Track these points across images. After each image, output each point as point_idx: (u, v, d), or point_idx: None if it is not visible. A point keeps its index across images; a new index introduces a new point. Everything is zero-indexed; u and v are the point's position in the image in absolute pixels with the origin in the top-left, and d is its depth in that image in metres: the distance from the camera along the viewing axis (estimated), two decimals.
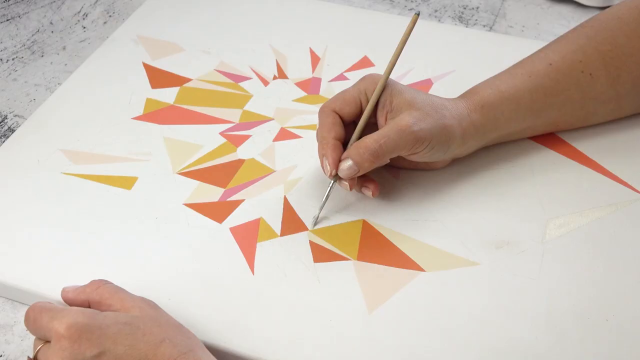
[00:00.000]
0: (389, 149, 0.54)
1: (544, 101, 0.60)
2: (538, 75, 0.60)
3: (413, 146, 0.55)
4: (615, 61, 0.60)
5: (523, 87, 0.59)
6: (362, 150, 0.54)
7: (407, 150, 0.55)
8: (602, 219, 0.58)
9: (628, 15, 0.61)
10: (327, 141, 0.55)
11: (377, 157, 0.54)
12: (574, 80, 0.60)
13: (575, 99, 0.61)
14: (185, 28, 0.80)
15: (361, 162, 0.54)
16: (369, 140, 0.54)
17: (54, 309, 0.46)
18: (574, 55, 0.60)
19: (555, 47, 0.62)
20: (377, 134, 0.55)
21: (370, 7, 0.86)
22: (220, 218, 0.59)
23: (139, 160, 0.64)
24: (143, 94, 0.71)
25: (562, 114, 0.62)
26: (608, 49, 0.60)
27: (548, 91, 0.60)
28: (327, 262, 0.56)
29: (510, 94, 0.59)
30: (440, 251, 0.56)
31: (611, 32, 0.61)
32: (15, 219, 0.60)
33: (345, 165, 0.55)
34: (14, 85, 0.76)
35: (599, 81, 0.60)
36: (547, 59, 0.60)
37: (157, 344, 0.44)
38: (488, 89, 0.59)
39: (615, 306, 0.52)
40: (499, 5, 0.86)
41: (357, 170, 0.55)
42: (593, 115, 0.64)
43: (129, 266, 0.56)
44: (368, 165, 0.55)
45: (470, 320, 0.52)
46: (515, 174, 0.62)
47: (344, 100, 0.56)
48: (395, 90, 0.56)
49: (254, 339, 0.51)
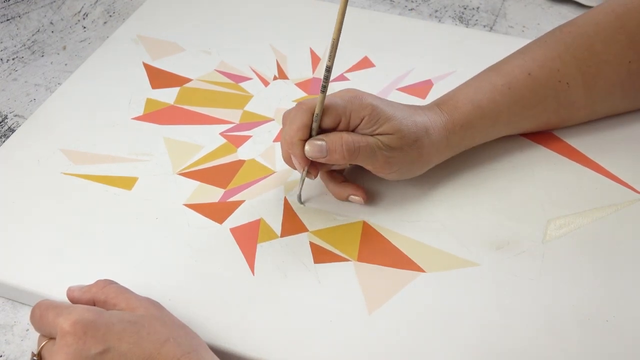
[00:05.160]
0: (362, 156, 0.54)
1: (521, 114, 0.61)
2: (517, 87, 0.60)
3: (382, 166, 0.56)
4: (592, 69, 0.61)
5: (502, 102, 0.60)
6: (341, 141, 0.54)
7: (375, 168, 0.56)
8: (603, 219, 0.58)
9: (605, 20, 0.61)
10: (294, 142, 0.54)
11: (350, 156, 0.54)
12: (551, 90, 0.61)
13: (550, 108, 0.62)
14: (185, 28, 0.80)
15: (333, 150, 0.54)
16: (350, 138, 0.54)
17: (60, 306, 0.46)
18: (552, 63, 0.60)
19: (534, 53, 0.62)
20: (360, 137, 0.54)
21: (370, 7, 0.86)
22: (221, 219, 0.59)
23: (139, 161, 0.64)
24: (143, 94, 0.71)
25: (537, 123, 0.63)
26: (585, 57, 0.60)
27: (526, 103, 0.60)
28: (328, 262, 0.56)
29: (490, 110, 0.59)
30: (440, 252, 0.56)
31: (588, 38, 0.61)
32: (15, 219, 0.60)
33: (316, 143, 0.54)
34: (14, 85, 0.76)
35: (575, 90, 0.61)
36: (527, 68, 0.60)
37: (162, 342, 0.44)
38: (468, 104, 0.59)
39: (615, 307, 0.52)
40: (499, 5, 0.86)
41: (324, 155, 0.54)
42: (567, 121, 0.64)
43: (129, 266, 0.56)
44: (337, 158, 0.54)
45: (471, 320, 0.52)
46: (516, 175, 0.62)
47: (327, 109, 0.54)
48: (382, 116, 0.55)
49: (254, 339, 0.51)
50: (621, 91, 0.63)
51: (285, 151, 0.57)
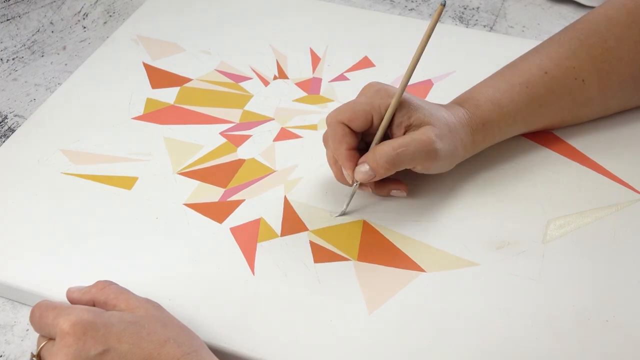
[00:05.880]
0: (406, 159, 0.55)
1: (539, 112, 0.62)
2: (535, 86, 0.60)
3: (427, 160, 0.56)
4: (606, 65, 0.61)
5: (521, 101, 0.60)
6: (378, 156, 0.54)
7: (422, 163, 0.56)
8: (603, 219, 0.58)
9: (617, 15, 0.62)
10: (341, 153, 0.55)
11: (393, 165, 0.55)
12: (567, 88, 0.61)
13: (566, 106, 0.62)
14: (185, 28, 0.80)
15: (377, 168, 0.55)
16: (387, 148, 0.54)
17: (59, 307, 0.46)
18: (567, 61, 0.61)
19: (549, 51, 0.62)
20: (395, 142, 0.55)
21: (370, 7, 0.86)
22: (221, 218, 0.59)
23: (139, 160, 0.64)
24: (143, 94, 0.71)
25: (552, 121, 0.63)
26: (599, 53, 0.61)
27: (543, 102, 0.61)
28: (328, 262, 0.56)
29: (509, 109, 0.60)
30: (440, 252, 0.56)
31: (601, 34, 0.61)
32: (15, 219, 0.60)
33: (362, 170, 0.55)
34: (14, 85, 0.76)
35: (590, 87, 0.61)
36: (543, 67, 0.61)
37: (162, 343, 0.44)
38: (489, 103, 0.60)
39: (615, 307, 0.52)
40: (499, 5, 0.86)
41: (373, 176, 0.55)
42: (580, 118, 0.65)
43: (129, 266, 0.56)
44: (384, 172, 0.55)
45: (471, 320, 0.52)
46: (516, 175, 0.62)
47: (354, 112, 0.55)
48: (413, 105, 0.56)
49: (254, 339, 0.51)
50: (633, 86, 0.63)
51: (336, 169, 0.57)
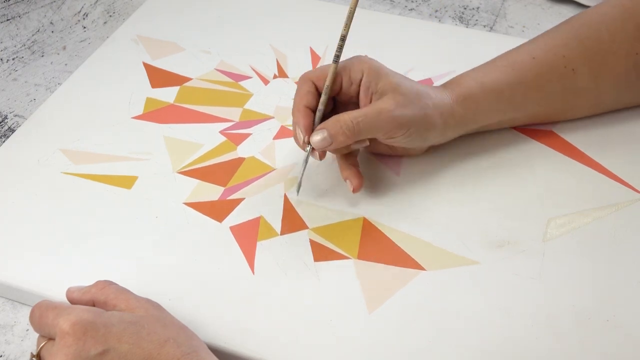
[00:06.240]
0: (365, 128, 0.55)
1: (525, 95, 0.61)
2: (521, 69, 0.60)
3: (390, 130, 0.56)
4: (598, 57, 0.61)
5: (505, 80, 0.60)
6: (339, 124, 0.54)
7: (384, 133, 0.56)
8: (603, 218, 0.58)
9: (612, 12, 0.62)
10: (299, 108, 0.56)
11: (353, 134, 0.55)
12: (556, 74, 0.61)
13: (556, 93, 0.62)
14: (185, 28, 0.80)
15: (335, 135, 0.54)
16: (347, 116, 0.55)
17: (59, 307, 0.46)
18: (557, 50, 0.61)
19: (540, 41, 0.62)
20: (356, 112, 0.55)
21: (370, 7, 0.86)
22: (221, 217, 0.59)
23: (139, 160, 0.64)
24: (143, 94, 0.71)
25: (543, 108, 0.63)
26: (591, 45, 0.61)
27: (530, 84, 0.61)
28: (328, 260, 0.56)
29: (492, 87, 0.60)
30: (440, 250, 0.56)
31: (595, 28, 0.61)
32: (15, 219, 0.60)
33: (319, 136, 0.55)
34: (14, 85, 0.76)
35: (581, 77, 0.61)
36: (531, 53, 0.61)
37: (162, 343, 0.44)
38: (471, 80, 0.60)
39: (616, 306, 0.52)
40: (499, 5, 0.86)
41: (330, 142, 0.55)
42: (573, 109, 0.64)
43: (129, 266, 0.56)
44: (342, 140, 0.55)
45: (471, 319, 0.52)
46: (517, 174, 0.62)
47: (323, 72, 0.56)
48: (381, 72, 0.56)
49: (254, 338, 0.51)
50: (626, 83, 0.63)
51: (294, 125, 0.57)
